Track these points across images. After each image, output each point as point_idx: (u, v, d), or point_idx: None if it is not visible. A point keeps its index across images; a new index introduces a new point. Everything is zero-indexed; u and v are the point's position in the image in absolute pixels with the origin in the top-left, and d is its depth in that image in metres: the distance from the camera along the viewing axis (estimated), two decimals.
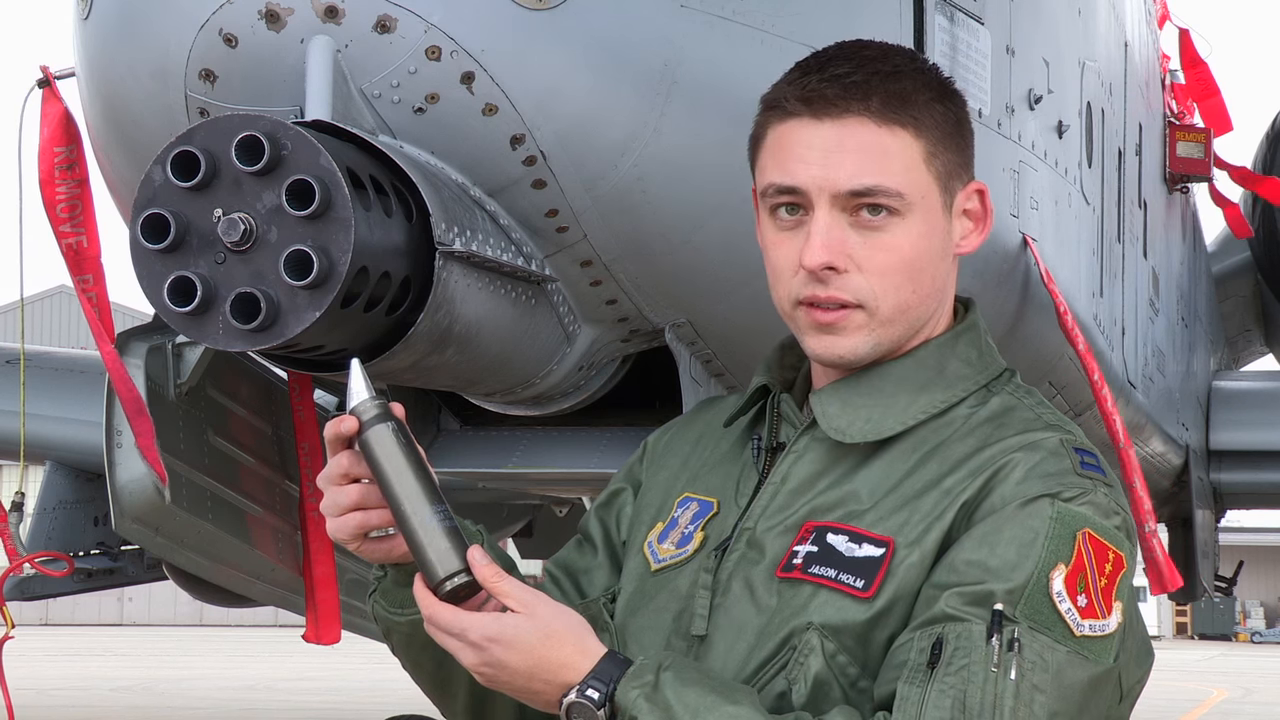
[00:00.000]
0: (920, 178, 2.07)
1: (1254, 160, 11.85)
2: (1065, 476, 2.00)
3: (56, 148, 4.83)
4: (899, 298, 2.08)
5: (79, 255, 4.92)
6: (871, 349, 2.09)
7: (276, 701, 21.19)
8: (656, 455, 2.34)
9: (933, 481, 2.04)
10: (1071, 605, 1.94)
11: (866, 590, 2.00)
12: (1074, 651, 1.94)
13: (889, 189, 2.05)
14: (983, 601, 1.94)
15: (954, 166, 2.11)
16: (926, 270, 2.09)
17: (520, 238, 3.86)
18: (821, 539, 2.05)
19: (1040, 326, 5.46)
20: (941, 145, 2.09)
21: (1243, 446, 10.67)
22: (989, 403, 2.11)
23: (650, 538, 2.22)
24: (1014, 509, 1.98)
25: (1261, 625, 52.45)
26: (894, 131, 2.06)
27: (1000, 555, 1.95)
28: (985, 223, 2.16)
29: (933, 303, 2.12)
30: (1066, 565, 1.95)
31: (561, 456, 4.78)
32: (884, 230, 2.06)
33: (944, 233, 2.11)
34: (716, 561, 2.12)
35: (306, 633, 5.68)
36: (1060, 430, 2.07)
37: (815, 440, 2.12)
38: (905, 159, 2.06)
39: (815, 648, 2.01)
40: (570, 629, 1.98)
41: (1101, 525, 1.98)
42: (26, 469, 6.69)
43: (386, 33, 3.55)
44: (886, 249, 2.06)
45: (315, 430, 5.51)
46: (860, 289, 2.06)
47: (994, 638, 1.92)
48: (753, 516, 2.12)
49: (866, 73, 2.07)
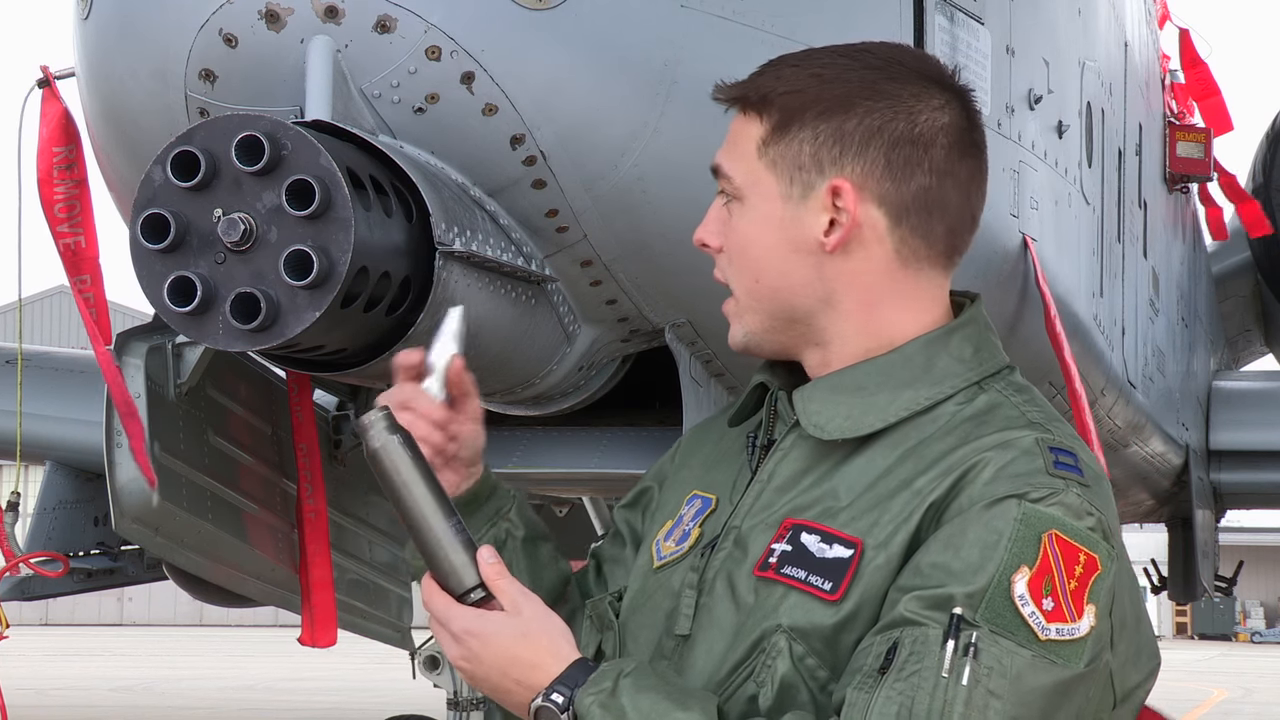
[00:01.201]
0: (749, 165, 2.11)
1: (1254, 160, 11.87)
2: (1035, 477, 1.96)
3: (55, 148, 4.83)
4: (744, 283, 2.13)
5: (76, 256, 4.92)
6: (744, 339, 2.15)
7: (276, 701, 21.20)
8: (684, 452, 2.35)
9: (905, 481, 2.01)
10: (1036, 609, 1.90)
11: (834, 593, 1.98)
12: (1039, 656, 1.89)
13: (724, 172, 2.15)
14: (942, 605, 1.90)
15: (806, 160, 2.08)
16: (764, 261, 2.10)
17: (520, 238, 3.86)
18: (796, 538, 2.04)
19: (1040, 327, 5.46)
20: (779, 135, 2.08)
21: (1243, 446, 10.67)
22: (976, 400, 2.08)
23: (659, 535, 2.22)
24: (979, 510, 1.94)
25: (1261, 625, 52.45)
26: (749, 118, 2.13)
27: (963, 558, 1.92)
28: (850, 224, 2.07)
29: (793, 296, 2.10)
30: (1030, 568, 1.91)
31: (561, 456, 4.79)
32: (732, 215, 2.14)
33: (787, 224, 2.09)
34: (704, 560, 2.11)
35: (302, 635, 5.68)
36: (1040, 429, 2.03)
37: (801, 438, 2.10)
38: (745, 145, 2.12)
39: (783, 650, 1.99)
40: (547, 632, 1.99)
41: (1071, 526, 1.94)
42: (25, 469, 6.69)
43: (386, 33, 3.55)
44: (731, 232, 2.14)
45: (313, 431, 5.50)
46: (725, 269, 2.16)
47: (949, 642, 1.88)
48: (740, 514, 2.12)
49: (777, 63, 2.13)
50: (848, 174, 2.07)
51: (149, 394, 4.98)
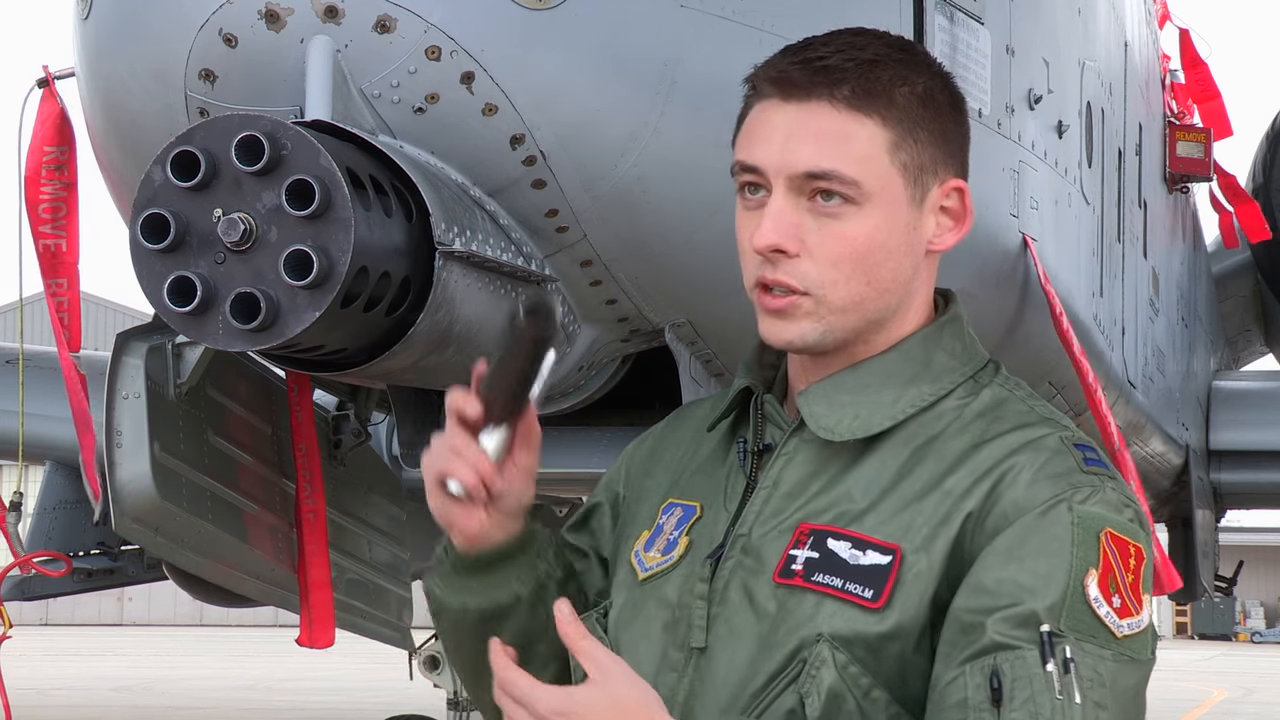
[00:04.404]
0: (880, 168, 2.03)
1: (1254, 160, 11.87)
2: (1073, 476, 1.97)
3: (47, 147, 4.82)
4: (850, 288, 2.03)
5: (54, 258, 4.90)
6: (820, 336, 2.05)
7: (276, 701, 21.20)
8: (639, 464, 2.30)
9: (932, 481, 2.01)
10: (1109, 609, 1.92)
11: (876, 600, 1.96)
12: (1119, 655, 1.91)
13: (844, 175, 2.01)
14: (1027, 622, 1.90)
15: (929, 161, 2.07)
16: (883, 263, 2.05)
17: (520, 238, 3.86)
18: (822, 544, 2.01)
19: (1040, 326, 5.46)
20: (912, 138, 2.05)
21: (1243, 446, 10.67)
22: (980, 395, 2.08)
23: (637, 546, 2.17)
24: (1033, 519, 1.94)
25: (1261, 625, 52.43)
26: (858, 119, 2.02)
27: (1030, 569, 1.92)
28: (964, 221, 2.12)
29: (892, 297, 2.07)
30: (1097, 569, 1.92)
31: (561, 456, 4.78)
32: (838, 218, 2.02)
33: (909, 227, 2.07)
34: (711, 570, 2.07)
35: (300, 636, 5.68)
36: (1055, 425, 2.04)
37: (804, 442, 2.08)
38: (868, 148, 2.02)
39: (827, 660, 1.96)
40: (644, 703, 1.93)
41: (1118, 521, 1.96)
42: (26, 469, 6.69)
43: (386, 33, 3.55)
44: (839, 237, 2.02)
45: (313, 431, 5.50)
46: (808, 275, 2.02)
47: (1049, 662, 1.88)
48: (746, 522, 2.08)
49: (842, 58, 2.05)
50: (954, 173, 2.09)
51: (149, 394, 4.98)
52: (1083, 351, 5.54)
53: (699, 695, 2.04)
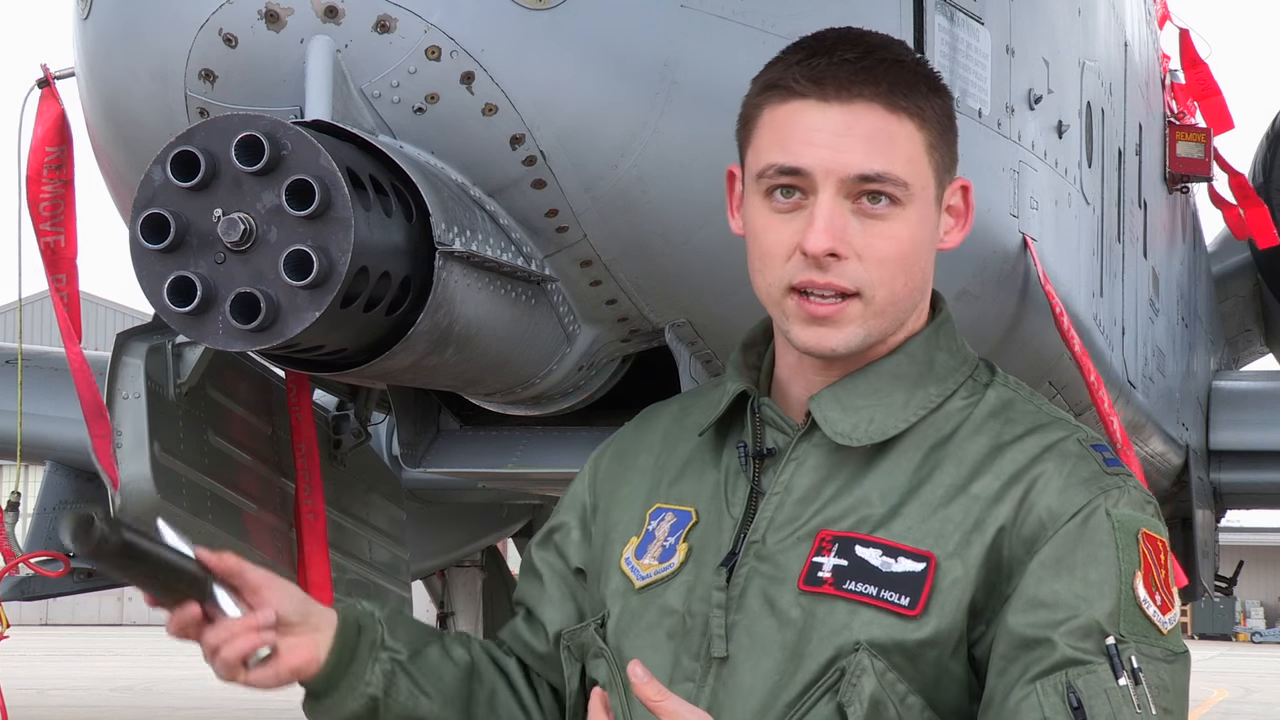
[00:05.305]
0: (922, 169, 2.04)
1: (1254, 160, 11.86)
2: (1100, 480, 1.99)
3: (48, 147, 4.84)
4: (892, 289, 2.03)
5: (55, 255, 4.94)
6: (863, 340, 2.04)
7: (276, 701, 21.17)
8: (605, 473, 2.29)
9: (956, 486, 2.00)
10: (1155, 607, 1.95)
11: (913, 607, 1.96)
12: (1167, 651, 1.95)
13: (897, 177, 2.01)
14: (1090, 633, 1.92)
15: (948, 161, 2.09)
16: (918, 263, 2.06)
17: (520, 238, 3.86)
18: (849, 552, 2.00)
19: (1040, 327, 5.46)
20: (939, 138, 2.07)
21: (1243, 446, 10.66)
22: (986, 395, 2.09)
23: (626, 554, 2.15)
24: (1075, 528, 1.96)
25: (1261, 625, 52.45)
26: (900, 120, 2.02)
27: (1082, 578, 1.94)
28: (967, 219, 2.14)
29: (919, 296, 2.09)
30: (1140, 570, 1.95)
31: (561, 456, 4.78)
32: (885, 219, 2.01)
33: (934, 226, 2.09)
34: (726, 578, 2.05)
35: None
36: (1068, 426, 2.06)
37: (814, 446, 2.07)
38: (910, 148, 2.03)
39: (867, 668, 1.96)
40: None
41: (1146, 520, 1.99)
42: (25, 469, 6.69)
43: (386, 33, 3.55)
44: (886, 238, 2.02)
45: (312, 431, 5.50)
46: (859, 277, 2.01)
47: (1121, 676, 1.91)
48: (759, 529, 2.06)
49: (874, 59, 2.04)
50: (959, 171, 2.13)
51: (149, 394, 4.98)
52: (1084, 351, 5.54)
53: (724, 705, 2.02)
